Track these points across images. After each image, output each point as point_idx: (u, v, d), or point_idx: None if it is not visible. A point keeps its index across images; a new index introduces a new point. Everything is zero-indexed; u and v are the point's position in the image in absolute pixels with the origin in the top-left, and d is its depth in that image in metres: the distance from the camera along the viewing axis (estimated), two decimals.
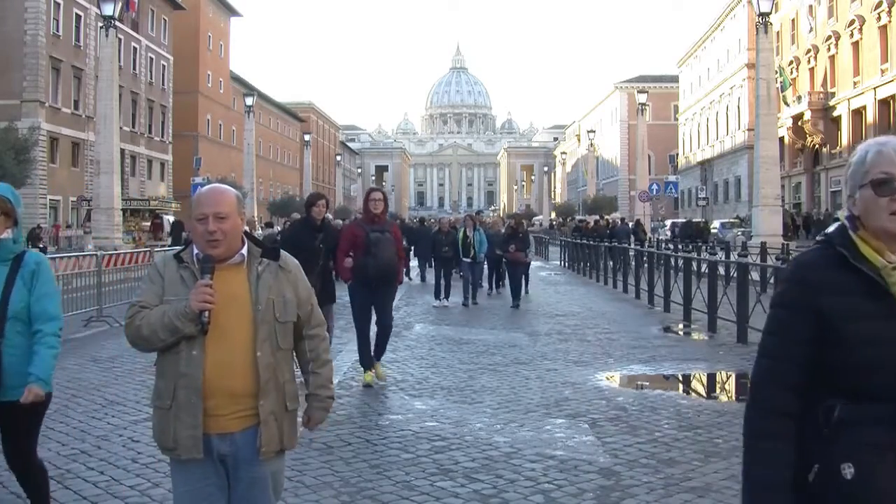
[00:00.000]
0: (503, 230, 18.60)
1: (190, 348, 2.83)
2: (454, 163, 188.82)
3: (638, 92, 41.03)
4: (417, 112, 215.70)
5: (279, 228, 22.80)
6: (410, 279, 22.62)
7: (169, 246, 27.13)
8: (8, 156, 32.55)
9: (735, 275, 12.37)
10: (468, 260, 16.58)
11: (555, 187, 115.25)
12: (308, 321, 3.04)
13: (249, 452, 2.88)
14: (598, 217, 44.12)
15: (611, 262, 22.00)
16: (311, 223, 8.34)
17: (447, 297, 16.60)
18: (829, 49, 45.03)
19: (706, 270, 14.60)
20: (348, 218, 36.86)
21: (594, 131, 71.45)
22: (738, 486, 5.16)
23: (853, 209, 2.06)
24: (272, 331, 2.90)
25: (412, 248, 22.53)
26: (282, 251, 3.10)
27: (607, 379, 8.78)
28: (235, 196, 3.00)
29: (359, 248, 7.86)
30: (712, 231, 39.46)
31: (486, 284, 19.13)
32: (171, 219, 41.35)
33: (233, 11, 71.44)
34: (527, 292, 18.01)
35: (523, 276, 17.99)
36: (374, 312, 8.25)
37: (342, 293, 8.86)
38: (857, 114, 42.25)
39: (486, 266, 18.51)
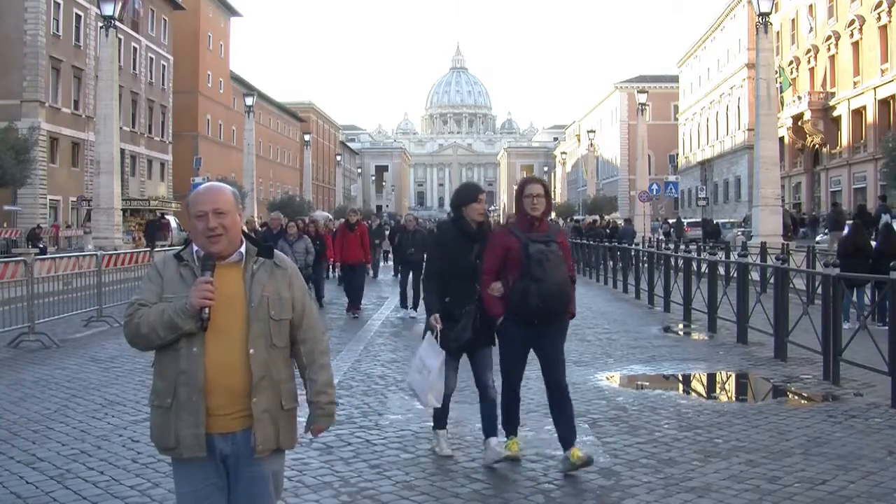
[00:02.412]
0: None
1: (190, 345, 2.84)
2: (454, 163, 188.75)
3: (638, 92, 41.02)
4: (417, 112, 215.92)
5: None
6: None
7: (144, 246, 27.10)
8: (8, 156, 32.55)
9: (735, 275, 12.36)
10: None
11: (555, 187, 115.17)
12: (300, 324, 3.03)
13: (250, 452, 2.88)
14: (596, 217, 44.13)
15: (611, 262, 22.00)
16: (464, 229, 5.59)
17: (415, 306, 14.04)
18: (829, 49, 45.03)
19: (706, 270, 14.61)
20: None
21: (594, 131, 71.43)
22: (739, 485, 5.18)
23: None
24: (266, 328, 2.90)
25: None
26: (276, 251, 3.08)
27: (607, 379, 8.77)
28: (232, 193, 3.01)
29: (512, 268, 5.28)
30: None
31: None
32: (171, 217, 41.39)
33: (233, 11, 71.39)
34: None
35: None
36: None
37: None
38: (857, 114, 42.26)
39: None
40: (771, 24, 24.49)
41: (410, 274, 14.64)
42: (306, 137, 71.23)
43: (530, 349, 5.49)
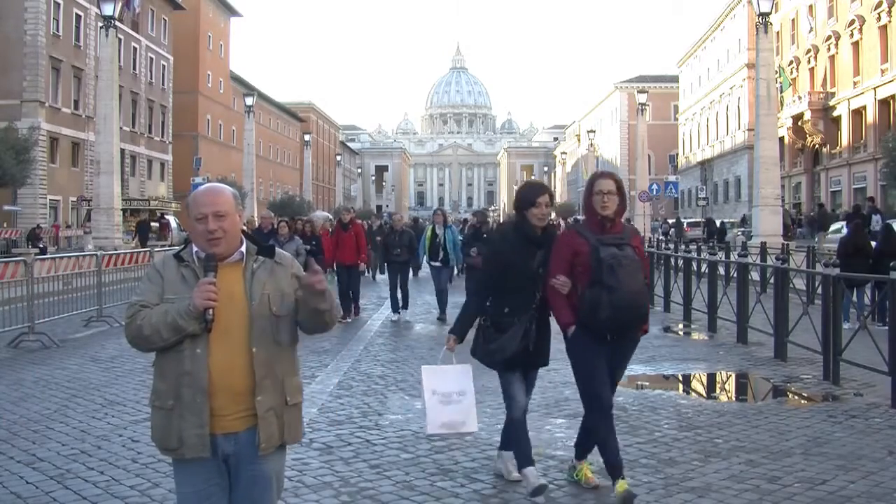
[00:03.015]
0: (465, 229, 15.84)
1: (194, 346, 2.83)
2: (454, 163, 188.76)
3: (638, 92, 41.01)
4: (417, 112, 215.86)
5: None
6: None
7: (137, 247, 27.06)
8: (8, 156, 32.56)
9: (735, 275, 12.36)
10: (437, 264, 13.98)
11: (555, 187, 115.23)
12: None
13: (252, 451, 2.88)
14: None
15: None
16: (528, 232, 4.92)
17: (405, 307, 14.00)
18: (829, 49, 45.03)
19: (706, 270, 14.60)
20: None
21: (594, 131, 71.44)
22: (739, 485, 5.17)
23: None
24: (268, 326, 2.90)
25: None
26: (277, 249, 3.08)
27: None
28: (232, 194, 3.00)
29: (582, 274, 4.66)
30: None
31: None
32: (171, 217, 41.39)
33: (233, 11, 71.40)
34: None
35: None
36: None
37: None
38: (857, 114, 42.26)
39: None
40: (771, 24, 24.49)
41: (398, 276, 14.05)
42: (306, 137, 71.19)
43: (605, 367, 4.78)
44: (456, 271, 16.34)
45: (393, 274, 14.22)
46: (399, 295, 13.94)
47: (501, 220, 23.79)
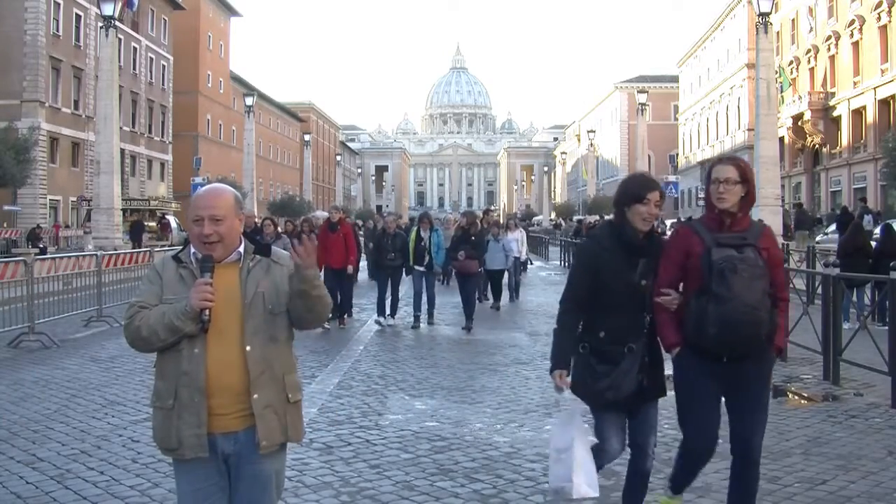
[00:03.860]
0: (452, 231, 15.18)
1: (191, 346, 2.84)
2: (454, 163, 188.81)
3: (638, 92, 41.02)
4: (417, 112, 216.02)
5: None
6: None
7: (131, 248, 26.90)
8: (8, 156, 32.55)
9: None
10: (421, 269, 13.16)
11: (555, 187, 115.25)
12: None
13: (251, 451, 2.88)
14: (597, 217, 44.11)
15: None
16: (627, 236, 3.94)
17: (393, 313, 13.37)
18: (829, 49, 45.02)
19: None
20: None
21: (594, 131, 71.44)
22: None
23: None
24: (263, 323, 2.90)
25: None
26: (273, 248, 3.08)
27: None
28: (233, 197, 2.99)
29: (693, 280, 3.81)
30: None
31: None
32: (172, 218, 41.39)
33: (233, 11, 71.43)
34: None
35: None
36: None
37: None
38: (857, 114, 42.25)
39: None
40: (771, 24, 24.48)
41: (389, 280, 13.29)
42: (306, 137, 71.20)
43: (721, 393, 3.91)
44: (440, 279, 15.68)
45: (383, 278, 13.39)
46: (388, 300, 13.27)
47: (501, 220, 23.25)
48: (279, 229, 13.97)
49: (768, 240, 3.89)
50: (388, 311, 13.22)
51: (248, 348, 2.86)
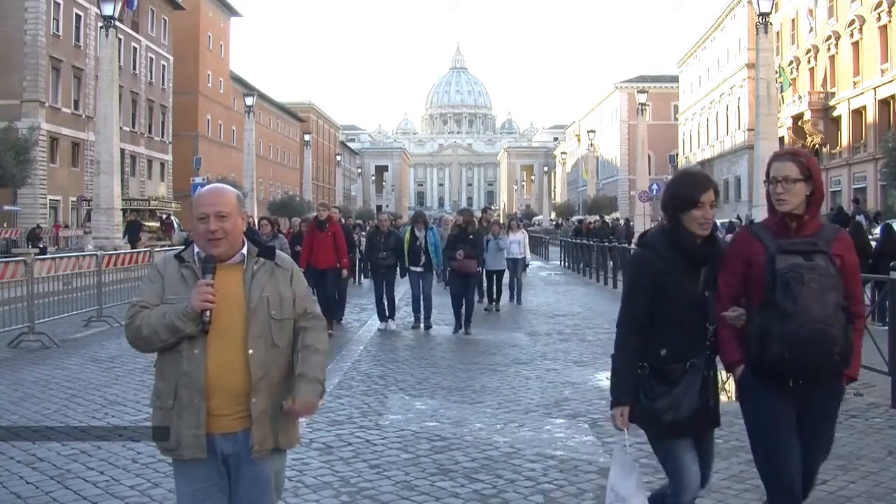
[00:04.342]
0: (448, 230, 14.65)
1: (192, 347, 2.84)
2: (454, 163, 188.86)
3: (638, 92, 41.02)
4: (417, 112, 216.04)
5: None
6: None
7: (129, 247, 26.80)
8: (8, 156, 32.55)
9: None
10: (418, 269, 12.77)
11: (555, 187, 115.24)
12: (303, 314, 3.02)
13: (250, 452, 2.88)
14: (597, 217, 44.17)
15: (610, 262, 22.02)
16: (685, 244, 3.42)
17: (392, 316, 12.93)
18: (829, 49, 45.04)
19: None
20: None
21: (594, 131, 71.49)
22: (739, 486, 5.16)
23: None
24: (266, 328, 2.90)
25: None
26: (277, 251, 3.08)
27: (607, 379, 8.75)
28: (236, 196, 3.01)
29: (755, 290, 3.36)
30: None
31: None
32: (169, 216, 41.39)
33: (233, 11, 71.42)
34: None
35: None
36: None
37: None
38: (857, 114, 42.27)
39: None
40: (771, 24, 24.50)
41: (384, 282, 12.93)
42: (306, 137, 71.20)
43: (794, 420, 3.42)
44: (436, 279, 15.28)
45: (378, 280, 13.06)
46: (385, 303, 12.89)
47: (502, 220, 22.47)
48: (279, 230, 13.95)
49: (842, 245, 3.38)
50: (387, 314, 12.88)
51: (250, 352, 2.86)
